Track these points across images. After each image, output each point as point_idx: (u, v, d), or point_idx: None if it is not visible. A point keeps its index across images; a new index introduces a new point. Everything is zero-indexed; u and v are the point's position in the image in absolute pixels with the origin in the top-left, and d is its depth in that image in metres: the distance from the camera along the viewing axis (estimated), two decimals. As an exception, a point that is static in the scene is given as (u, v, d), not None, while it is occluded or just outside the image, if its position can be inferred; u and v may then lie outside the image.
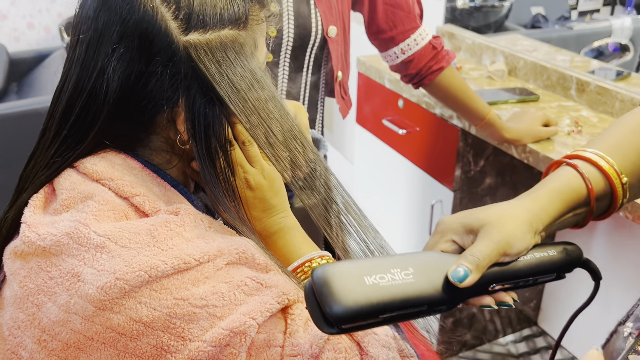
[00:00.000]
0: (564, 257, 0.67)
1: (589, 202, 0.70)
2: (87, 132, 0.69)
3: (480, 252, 0.62)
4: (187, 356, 0.59)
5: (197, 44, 0.65)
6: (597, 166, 0.71)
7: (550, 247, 0.67)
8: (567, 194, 0.69)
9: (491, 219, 0.64)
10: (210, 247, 0.64)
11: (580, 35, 2.25)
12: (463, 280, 0.60)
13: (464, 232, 0.66)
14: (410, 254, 0.63)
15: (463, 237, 0.66)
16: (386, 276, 0.58)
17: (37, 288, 0.63)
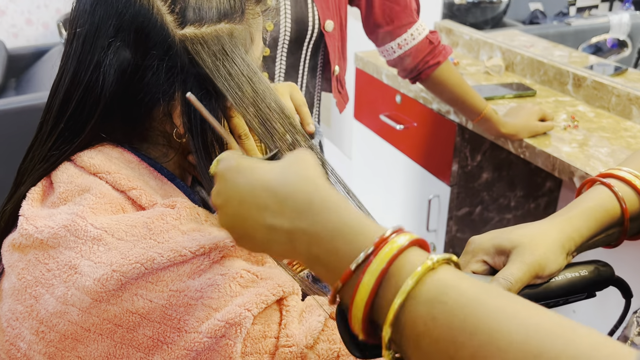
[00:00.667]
0: (596, 277, 0.67)
1: (622, 222, 0.70)
2: (84, 125, 0.69)
3: (512, 275, 0.62)
4: (183, 347, 0.60)
5: (193, 37, 0.66)
6: (632, 185, 0.70)
7: (581, 266, 0.67)
8: (600, 214, 0.68)
9: (523, 240, 0.64)
10: (206, 240, 0.64)
11: (578, 31, 2.25)
12: None
13: (495, 252, 0.66)
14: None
15: (494, 257, 0.66)
16: None
17: (35, 280, 0.63)
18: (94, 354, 0.61)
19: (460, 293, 0.44)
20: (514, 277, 0.62)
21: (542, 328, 0.41)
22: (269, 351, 0.63)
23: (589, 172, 1.37)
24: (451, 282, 0.45)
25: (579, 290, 0.66)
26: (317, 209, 0.51)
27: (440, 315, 0.44)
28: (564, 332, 0.40)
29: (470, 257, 0.67)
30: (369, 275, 0.47)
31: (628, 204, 0.69)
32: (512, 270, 0.62)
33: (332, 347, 0.65)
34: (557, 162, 1.45)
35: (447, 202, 1.93)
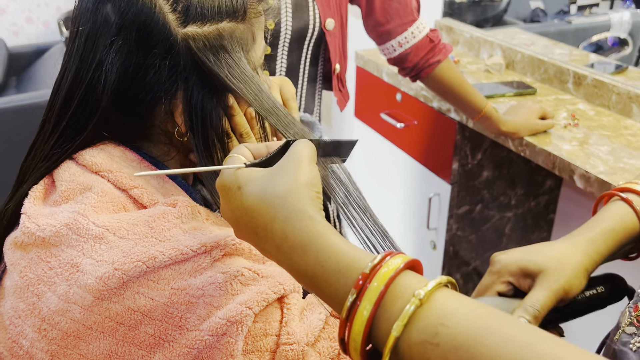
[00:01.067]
0: (612, 293, 0.69)
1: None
2: (86, 123, 0.69)
3: (539, 302, 0.63)
4: (185, 345, 0.60)
5: (195, 36, 0.66)
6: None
7: (597, 282, 0.69)
8: (621, 232, 0.70)
9: (549, 264, 0.65)
10: (207, 239, 0.64)
11: (579, 29, 2.25)
12: None
13: (521, 275, 0.67)
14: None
15: (520, 279, 0.67)
16: None
17: (37, 278, 0.63)
18: (96, 351, 0.61)
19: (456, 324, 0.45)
20: (540, 304, 0.63)
21: (541, 353, 0.42)
22: (270, 349, 0.63)
23: (589, 171, 1.37)
24: (447, 310, 0.46)
25: (597, 307, 0.69)
26: (291, 246, 0.52)
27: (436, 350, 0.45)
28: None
29: (496, 278, 0.68)
30: (358, 321, 0.47)
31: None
32: (539, 297, 0.64)
33: (332, 344, 0.65)
34: (558, 161, 1.45)
35: (447, 200, 1.93)
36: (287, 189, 0.54)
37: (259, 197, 0.55)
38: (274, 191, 0.54)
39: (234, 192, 0.57)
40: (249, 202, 0.55)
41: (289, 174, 0.55)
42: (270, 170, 0.57)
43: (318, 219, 0.53)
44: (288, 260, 0.53)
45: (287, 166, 0.56)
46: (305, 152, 0.57)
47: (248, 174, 0.57)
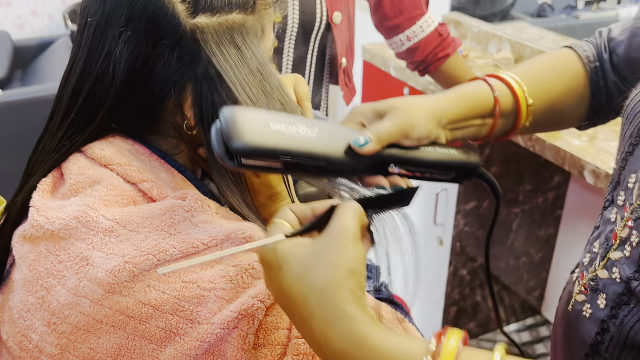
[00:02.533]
0: (463, 159, 0.71)
1: (493, 114, 0.76)
2: (95, 115, 0.69)
3: (383, 126, 0.66)
4: (196, 338, 0.60)
5: (204, 27, 0.65)
6: (508, 84, 0.78)
7: (453, 148, 0.71)
8: (474, 98, 0.75)
9: (397, 103, 0.69)
10: (217, 232, 0.64)
11: (586, 24, 2.24)
12: (363, 146, 0.64)
13: (373, 115, 0.70)
14: (319, 119, 0.66)
15: (372, 120, 0.70)
16: (291, 127, 0.61)
17: (47, 271, 0.63)
18: (106, 345, 0.61)
19: None
20: (384, 129, 0.66)
21: None
22: (281, 342, 0.62)
23: (599, 166, 1.36)
24: None
25: (445, 166, 0.70)
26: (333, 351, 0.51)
27: None
28: None
29: (350, 119, 0.72)
30: None
31: (501, 99, 0.76)
32: (384, 124, 0.67)
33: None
34: (567, 156, 1.44)
35: (454, 196, 1.92)
36: (325, 282, 0.51)
37: (297, 286, 0.53)
38: (311, 282, 0.52)
39: (274, 270, 0.55)
40: (287, 286, 0.53)
41: (328, 261, 0.52)
42: (311, 251, 0.54)
43: (360, 317, 0.50)
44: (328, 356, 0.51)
45: (327, 249, 0.53)
46: (349, 227, 0.54)
47: (288, 251, 0.55)
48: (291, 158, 0.60)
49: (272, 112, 0.64)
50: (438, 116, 0.70)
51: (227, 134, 0.58)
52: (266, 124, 0.60)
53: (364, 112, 0.71)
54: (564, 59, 0.86)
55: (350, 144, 0.63)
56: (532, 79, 0.80)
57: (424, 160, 0.68)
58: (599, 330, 0.70)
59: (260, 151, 0.58)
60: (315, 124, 0.63)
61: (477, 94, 0.76)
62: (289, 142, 0.60)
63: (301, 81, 0.91)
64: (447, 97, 0.73)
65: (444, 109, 0.71)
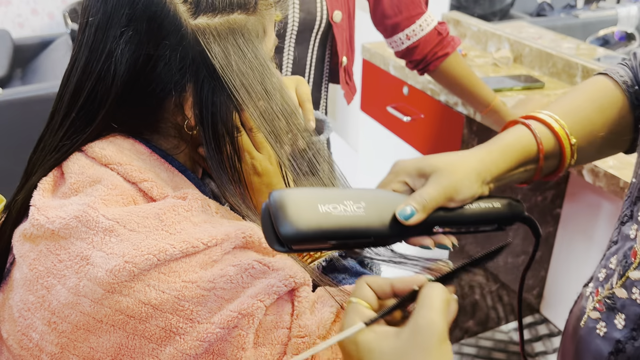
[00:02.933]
0: (507, 210, 0.70)
1: (537, 160, 0.74)
2: (95, 115, 0.69)
3: (428, 194, 0.65)
4: (196, 338, 0.60)
5: (206, 28, 0.65)
6: (549, 126, 0.75)
7: (495, 199, 0.70)
8: (517, 149, 0.72)
9: (442, 165, 0.67)
10: (217, 232, 0.64)
11: (586, 23, 2.24)
12: (409, 218, 0.63)
13: (416, 175, 0.68)
14: (364, 190, 0.66)
15: (415, 179, 0.68)
16: (339, 206, 0.61)
17: (47, 271, 0.63)
18: (106, 344, 0.61)
19: None
20: (429, 196, 0.65)
21: None
22: (281, 341, 0.63)
23: (598, 165, 1.37)
24: None
25: (490, 220, 0.69)
26: None
27: None
28: None
29: (393, 177, 0.70)
30: None
31: (544, 143, 0.74)
32: (428, 190, 0.65)
33: (344, 337, 0.65)
34: (566, 155, 1.44)
35: (453, 195, 1.92)
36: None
37: None
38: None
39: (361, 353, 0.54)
40: None
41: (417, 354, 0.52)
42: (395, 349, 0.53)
43: None
44: None
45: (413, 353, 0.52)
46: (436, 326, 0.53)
47: (371, 343, 0.54)
48: (340, 240, 0.61)
49: (318, 190, 0.64)
50: (483, 175, 0.69)
51: (276, 221, 0.59)
52: (314, 206, 0.60)
53: (407, 170, 0.69)
54: (601, 88, 0.83)
55: (396, 216, 0.63)
56: (572, 115, 0.78)
57: (468, 219, 0.68)
58: (613, 350, 0.68)
59: (311, 238, 0.59)
60: (361, 195, 0.63)
61: (520, 144, 0.73)
62: (337, 223, 0.60)
63: (303, 83, 0.91)
64: (491, 153, 0.71)
65: (489, 167, 0.69)
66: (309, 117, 0.90)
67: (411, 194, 0.68)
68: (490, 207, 0.69)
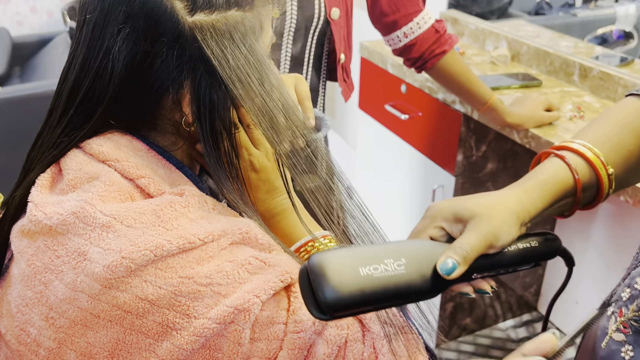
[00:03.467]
0: (545, 247, 0.69)
1: (575, 193, 0.72)
2: (93, 111, 0.69)
3: (468, 244, 0.63)
4: (192, 333, 0.60)
5: (203, 24, 0.65)
6: (584, 157, 0.73)
7: (532, 237, 0.69)
8: (554, 185, 0.70)
9: (480, 210, 0.65)
10: (214, 228, 0.65)
11: (584, 22, 2.25)
12: (451, 272, 0.62)
13: (453, 220, 0.67)
14: (403, 243, 0.64)
15: (452, 225, 0.67)
16: (380, 267, 0.60)
17: (44, 266, 0.64)
18: (104, 340, 0.61)
19: None
20: (470, 247, 0.63)
21: None
22: (277, 337, 0.63)
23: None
24: None
25: (528, 261, 0.69)
26: None
27: None
28: None
29: (429, 223, 0.69)
30: None
31: (580, 175, 0.72)
32: (468, 240, 0.64)
33: (340, 332, 0.65)
34: (563, 153, 1.45)
35: (451, 193, 1.93)
36: None
37: None
38: None
39: None
40: None
41: None
42: None
43: None
44: None
45: None
46: None
47: None
48: (383, 303, 0.61)
49: (357, 250, 0.63)
50: (521, 217, 0.67)
51: (316, 288, 0.58)
52: (355, 270, 0.59)
53: (444, 215, 0.68)
54: (632, 109, 0.79)
55: (437, 269, 0.63)
56: (606, 143, 0.75)
57: (508, 262, 0.67)
58: None
59: (354, 304, 0.59)
60: (401, 250, 0.63)
61: (556, 179, 0.71)
62: (380, 285, 0.60)
63: (302, 81, 0.91)
64: (528, 192, 0.69)
65: (527, 208, 0.68)
66: (309, 114, 0.90)
67: (448, 239, 0.67)
68: (528, 247, 0.68)
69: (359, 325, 0.67)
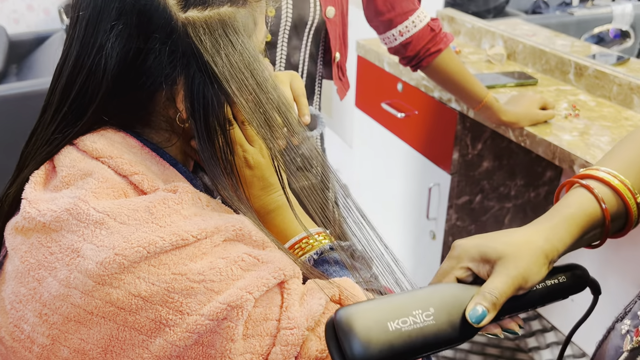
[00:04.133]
0: (573, 283, 0.68)
1: (603, 223, 0.70)
2: (87, 108, 0.69)
3: (497, 289, 0.62)
4: (185, 329, 0.60)
5: (196, 21, 0.66)
6: (611, 186, 0.71)
7: (560, 273, 0.68)
8: (582, 219, 0.68)
9: (508, 250, 0.64)
10: (207, 224, 0.65)
11: (581, 21, 2.25)
12: (481, 320, 0.61)
13: (480, 260, 0.65)
14: (431, 290, 0.63)
15: (479, 265, 0.66)
16: (408, 319, 0.60)
17: (38, 263, 0.64)
18: (97, 336, 0.61)
19: None
20: (499, 292, 0.62)
21: None
22: (270, 333, 0.63)
23: (589, 161, 1.37)
24: None
25: (557, 297, 0.67)
26: None
27: None
28: None
29: (455, 263, 0.67)
30: None
31: (608, 205, 0.70)
32: (497, 284, 0.62)
33: (332, 329, 0.66)
34: (558, 151, 1.45)
35: (447, 191, 1.93)
36: None
37: None
38: None
39: None
40: None
41: None
42: None
43: None
44: None
45: None
46: None
47: None
48: (412, 356, 0.60)
49: (385, 302, 0.62)
50: (550, 256, 0.65)
51: (344, 343, 0.58)
52: (383, 325, 0.59)
53: (470, 255, 0.66)
54: None
55: (466, 317, 0.62)
56: (631, 169, 0.73)
57: (537, 302, 0.66)
58: None
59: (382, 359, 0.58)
60: (429, 299, 0.62)
61: (584, 212, 0.69)
62: (409, 339, 0.59)
63: (297, 78, 0.91)
64: (556, 229, 0.67)
65: (555, 246, 0.66)
66: (304, 111, 0.90)
67: (475, 279, 0.66)
68: (556, 283, 0.67)
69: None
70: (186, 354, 0.61)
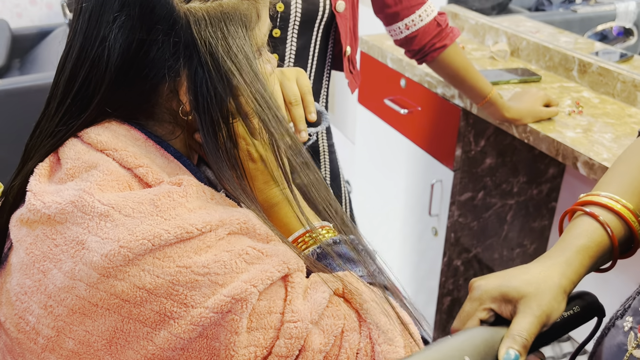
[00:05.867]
0: (586, 312, 0.70)
1: (612, 249, 0.72)
2: (90, 100, 0.69)
3: (525, 330, 0.64)
4: (190, 322, 0.60)
5: (198, 12, 0.65)
6: (614, 211, 0.72)
7: (573, 303, 0.70)
8: (593, 249, 0.71)
9: (529, 289, 0.66)
10: (212, 217, 0.65)
11: (584, 18, 2.24)
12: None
13: (502, 301, 0.67)
14: (462, 339, 0.65)
15: (501, 306, 0.67)
16: None
17: (43, 255, 0.64)
18: (102, 328, 0.61)
19: None
20: (528, 333, 0.64)
21: None
22: (274, 326, 0.63)
23: (592, 157, 1.37)
24: None
25: (573, 327, 0.70)
26: None
27: None
28: None
29: (478, 305, 0.69)
30: None
31: (614, 231, 0.72)
32: (524, 325, 0.64)
33: (336, 322, 0.66)
34: (561, 147, 1.45)
35: (449, 187, 1.93)
36: None
37: None
38: None
39: None
40: None
41: None
42: None
43: None
44: None
45: None
46: None
47: None
48: None
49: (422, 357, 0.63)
50: (568, 290, 0.68)
51: None
52: None
53: (492, 296, 0.68)
54: None
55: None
56: (630, 191, 0.74)
57: (557, 334, 0.68)
58: None
59: None
60: (462, 347, 0.63)
61: (594, 242, 0.71)
62: None
63: (303, 75, 0.91)
64: (570, 262, 0.69)
65: (572, 279, 0.69)
66: (310, 109, 0.90)
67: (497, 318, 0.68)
68: (572, 314, 0.69)
69: (355, 315, 0.68)
70: (190, 347, 0.61)
